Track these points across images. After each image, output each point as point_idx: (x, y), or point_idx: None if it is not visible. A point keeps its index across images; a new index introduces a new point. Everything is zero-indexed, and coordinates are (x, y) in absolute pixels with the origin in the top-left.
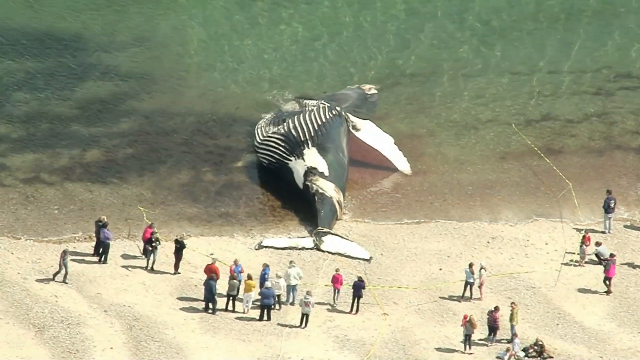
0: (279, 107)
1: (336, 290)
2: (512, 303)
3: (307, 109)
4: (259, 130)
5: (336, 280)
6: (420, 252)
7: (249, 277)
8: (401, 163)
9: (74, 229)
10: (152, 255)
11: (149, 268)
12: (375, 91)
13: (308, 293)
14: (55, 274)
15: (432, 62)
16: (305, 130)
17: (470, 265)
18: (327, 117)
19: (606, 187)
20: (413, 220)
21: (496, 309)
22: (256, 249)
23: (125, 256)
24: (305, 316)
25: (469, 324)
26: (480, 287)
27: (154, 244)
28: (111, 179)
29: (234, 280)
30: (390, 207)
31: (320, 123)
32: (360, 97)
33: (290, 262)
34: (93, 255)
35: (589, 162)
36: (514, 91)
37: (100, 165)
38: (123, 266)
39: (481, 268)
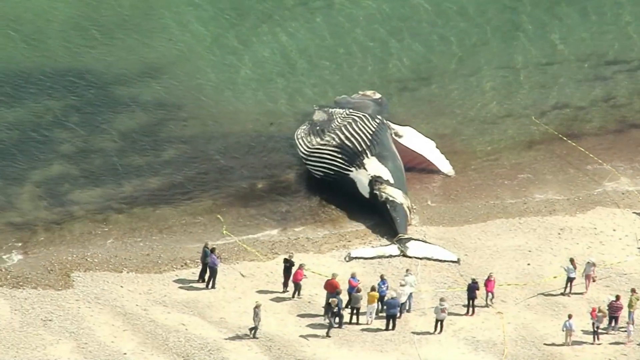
0: (308, 117)
1: (488, 293)
2: (633, 290)
3: (345, 118)
4: (301, 141)
5: (489, 283)
6: (501, 249)
7: (372, 289)
8: (444, 165)
9: (168, 257)
10: (333, 319)
11: (327, 334)
12: (379, 95)
13: (442, 300)
14: (253, 329)
15: (432, 63)
16: (360, 140)
17: (572, 261)
18: (375, 125)
19: None
20: (479, 219)
21: (617, 297)
22: (347, 261)
23: (227, 280)
24: (440, 322)
25: (600, 315)
26: (587, 281)
27: (334, 311)
28: (180, 204)
29: (359, 293)
30: (450, 208)
31: (372, 132)
32: (375, 103)
33: (407, 270)
34: (198, 281)
35: (614, 143)
36: (518, 84)
37: (165, 191)
38: (232, 289)
39: (591, 264)
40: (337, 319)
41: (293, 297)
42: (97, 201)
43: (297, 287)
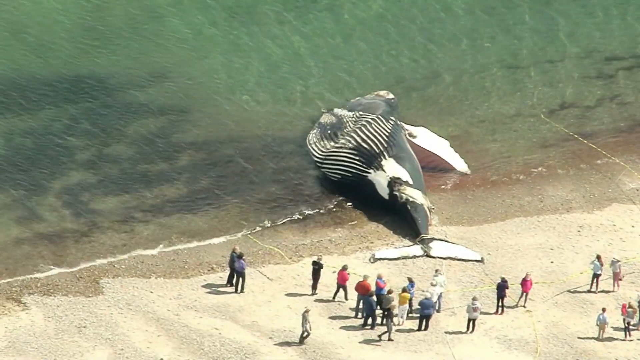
0: (317, 120)
1: (524, 293)
2: None
3: (358, 120)
4: (314, 146)
5: (525, 283)
6: (523, 247)
7: (404, 290)
8: (459, 163)
9: (194, 262)
10: (389, 320)
11: (388, 338)
12: (393, 95)
13: (474, 299)
14: (303, 337)
15: (439, 63)
16: (377, 142)
17: (599, 257)
18: (390, 127)
19: None
20: (497, 218)
21: None
22: (372, 262)
23: (255, 283)
24: (472, 321)
25: (631, 311)
26: (615, 279)
27: (389, 310)
28: (202, 211)
29: (390, 295)
30: (468, 208)
31: (388, 133)
32: (386, 104)
33: (436, 270)
34: (226, 285)
35: (624, 140)
36: (525, 83)
37: (185, 199)
38: (261, 293)
39: (616, 261)
40: (372, 321)
41: (346, 299)
42: (119, 207)
43: (343, 289)
